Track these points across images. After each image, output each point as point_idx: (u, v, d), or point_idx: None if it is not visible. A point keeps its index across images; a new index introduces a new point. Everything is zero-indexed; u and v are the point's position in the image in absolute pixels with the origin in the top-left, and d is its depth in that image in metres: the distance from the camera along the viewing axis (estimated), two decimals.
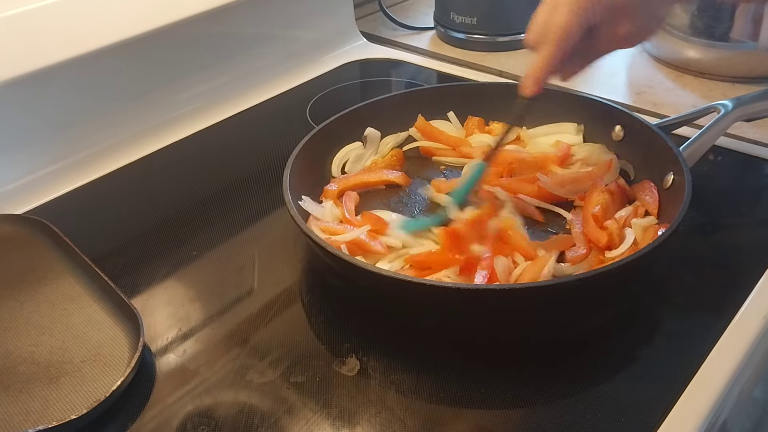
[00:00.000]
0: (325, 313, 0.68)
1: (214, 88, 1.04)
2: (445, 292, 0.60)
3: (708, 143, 0.77)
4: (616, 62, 1.17)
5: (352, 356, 0.62)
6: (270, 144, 0.95)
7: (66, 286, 0.69)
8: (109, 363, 0.61)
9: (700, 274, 0.71)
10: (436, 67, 1.16)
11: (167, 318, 0.68)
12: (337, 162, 0.84)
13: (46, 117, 0.87)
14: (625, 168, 0.82)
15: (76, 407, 0.56)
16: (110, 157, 0.91)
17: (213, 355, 0.63)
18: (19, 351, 0.63)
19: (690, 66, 1.08)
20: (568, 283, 0.61)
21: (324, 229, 0.72)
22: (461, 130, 0.90)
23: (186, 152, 0.95)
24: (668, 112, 0.97)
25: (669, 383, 0.59)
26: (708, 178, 0.82)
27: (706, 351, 0.61)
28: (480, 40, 1.20)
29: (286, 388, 0.59)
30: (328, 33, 1.19)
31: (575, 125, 0.87)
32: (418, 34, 1.28)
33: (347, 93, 1.09)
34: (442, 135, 0.88)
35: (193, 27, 0.97)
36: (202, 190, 0.86)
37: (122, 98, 0.94)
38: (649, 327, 0.66)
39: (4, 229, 0.76)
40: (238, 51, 1.06)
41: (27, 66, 0.81)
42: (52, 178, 0.87)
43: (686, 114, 0.82)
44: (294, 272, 0.73)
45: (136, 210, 0.84)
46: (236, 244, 0.78)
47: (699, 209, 0.77)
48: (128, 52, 0.91)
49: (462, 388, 0.59)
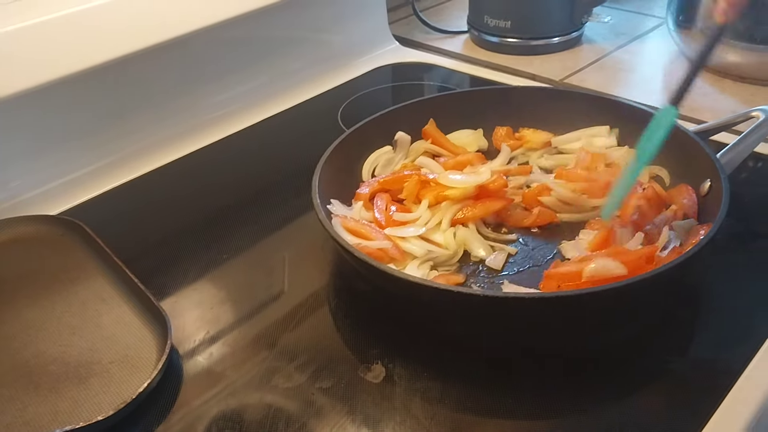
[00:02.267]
0: (351, 317, 0.68)
1: (247, 92, 1.04)
2: (473, 300, 0.59)
3: (747, 150, 0.75)
4: (653, 66, 1.15)
5: (378, 363, 0.61)
6: (301, 148, 0.95)
7: (97, 286, 0.70)
8: (137, 365, 0.61)
9: (736, 284, 0.69)
10: (469, 71, 1.15)
11: (195, 320, 0.68)
12: (367, 167, 0.83)
13: (80, 120, 0.88)
14: (660, 174, 0.80)
15: (104, 408, 0.56)
16: (144, 160, 0.92)
17: (240, 358, 0.63)
18: (50, 351, 0.63)
19: (730, 70, 1.06)
20: (620, 287, 0.59)
21: (350, 228, 0.71)
22: (481, 140, 0.89)
23: (218, 155, 0.95)
24: (706, 117, 0.95)
25: (704, 396, 0.57)
26: (747, 186, 0.80)
27: (740, 367, 0.59)
28: (513, 43, 1.19)
29: (312, 394, 0.59)
30: (361, 37, 1.19)
31: (607, 128, 0.85)
32: (451, 38, 1.28)
33: (379, 97, 1.09)
34: (447, 143, 0.87)
35: (226, 31, 0.98)
36: (233, 193, 0.87)
37: (155, 102, 0.95)
38: (681, 339, 0.64)
39: (39, 229, 0.78)
40: (271, 54, 1.07)
41: (64, 69, 0.82)
42: (85, 180, 0.88)
43: (725, 119, 0.80)
44: (323, 276, 0.73)
45: (168, 212, 0.85)
46: (265, 247, 0.78)
47: (737, 217, 0.75)
48: (161, 56, 0.92)
49: (488, 397, 0.58)
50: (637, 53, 1.20)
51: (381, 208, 0.76)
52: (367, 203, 0.77)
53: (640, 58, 1.18)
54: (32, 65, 0.80)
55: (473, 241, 0.73)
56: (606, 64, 1.15)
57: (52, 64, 0.82)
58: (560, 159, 0.86)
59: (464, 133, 0.89)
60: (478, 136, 0.89)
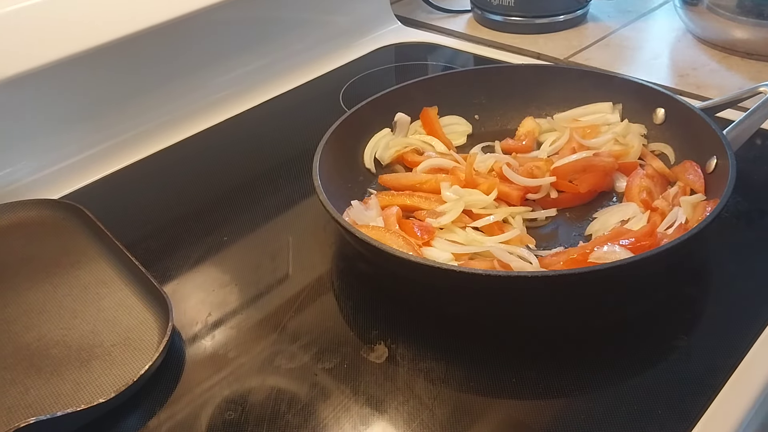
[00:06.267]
0: (354, 298, 0.67)
1: (248, 74, 1.03)
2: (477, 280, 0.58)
3: (754, 126, 0.74)
4: (659, 44, 1.13)
5: (381, 343, 0.61)
6: (303, 130, 0.94)
7: (98, 270, 0.70)
8: (139, 347, 0.61)
9: (744, 262, 0.69)
10: (472, 50, 1.14)
11: (198, 303, 0.68)
12: (368, 153, 0.82)
13: (80, 104, 0.88)
14: (665, 152, 0.79)
15: (105, 391, 0.56)
16: (144, 143, 0.92)
17: (242, 340, 0.63)
18: (52, 334, 0.63)
19: (737, 47, 1.04)
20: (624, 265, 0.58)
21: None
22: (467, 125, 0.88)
23: (219, 138, 0.95)
24: (713, 94, 0.93)
25: (710, 375, 0.56)
26: (754, 163, 0.79)
27: (748, 343, 0.59)
28: (517, 22, 1.18)
29: (314, 374, 0.59)
30: (363, 17, 1.17)
31: (610, 104, 0.84)
32: (454, 17, 1.26)
33: (382, 77, 1.08)
34: (439, 132, 0.85)
35: (227, 12, 0.97)
36: (235, 176, 0.86)
37: (155, 84, 0.94)
38: (689, 316, 0.64)
39: (41, 213, 0.77)
40: (272, 35, 1.05)
41: (61, 52, 0.82)
42: (86, 163, 0.88)
43: (731, 96, 0.79)
44: (325, 258, 0.73)
45: (169, 195, 0.84)
46: (267, 230, 0.78)
47: (743, 195, 0.74)
48: (161, 37, 0.91)
49: (492, 377, 0.58)
50: (642, 31, 1.18)
51: (391, 223, 0.71)
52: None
53: (646, 36, 1.17)
54: (31, 47, 0.80)
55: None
56: (611, 42, 1.14)
57: (51, 46, 0.81)
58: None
59: (453, 119, 0.88)
60: (464, 122, 0.88)
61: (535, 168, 0.76)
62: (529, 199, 0.75)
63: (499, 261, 0.64)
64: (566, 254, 0.66)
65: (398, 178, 0.80)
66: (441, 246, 0.68)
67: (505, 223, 0.72)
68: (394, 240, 0.66)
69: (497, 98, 0.88)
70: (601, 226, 0.71)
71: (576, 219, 0.74)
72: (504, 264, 0.64)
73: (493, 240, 0.68)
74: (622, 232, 0.67)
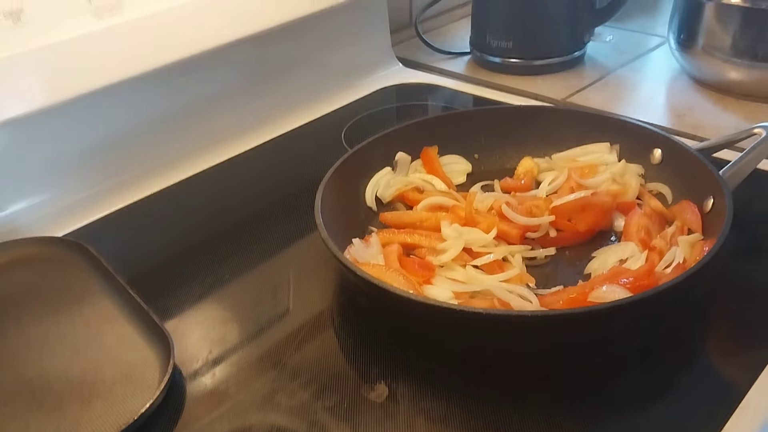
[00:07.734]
0: (354, 335, 0.68)
1: (251, 113, 1.05)
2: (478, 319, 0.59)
3: (750, 166, 0.75)
4: (656, 85, 1.16)
5: (381, 382, 0.61)
6: (305, 168, 0.95)
7: (101, 306, 0.70)
8: (140, 385, 0.61)
9: (741, 300, 0.69)
10: (472, 91, 1.15)
11: (199, 340, 0.68)
12: (369, 191, 0.83)
13: (83, 144, 0.89)
14: (662, 191, 0.80)
15: (106, 429, 0.56)
16: (146, 182, 0.93)
17: (242, 377, 0.63)
18: (53, 369, 0.63)
19: (732, 88, 1.06)
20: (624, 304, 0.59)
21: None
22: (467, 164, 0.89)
23: (221, 177, 0.96)
24: (709, 135, 0.95)
25: (710, 414, 0.57)
26: (749, 202, 0.80)
27: (747, 383, 0.59)
28: (516, 63, 1.20)
29: (314, 412, 0.59)
30: (366, 58, 1.20)
31: (607, 144, 0.85)
32: (454, 59, 1.29)
33: (383, 117, 1.09)
34: (439, 171, 0.85)
35: (230, 52, 0.99)
36: (236, 215, 0.87)
37: (158, 124, 0.95)
38: (687, 354, 0.64)
39: (44, 250, 0.78)
40: (275, 76, 1.07)
41: (64, 94, 0.83)
42: (90, 202, 0.89)
43: (727, 137, 0.80)
44: (326, 295, 0.73)
45: (171, 233, 0.85)
46: (268, 267, 0.78)
47: (740, 234, 0.75)
48: (163, 78, 0.93)
49: (494, 414, 0.58)
50: (639, 72, 1.20)
51: (392, 260, 0.71)
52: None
53: (643, 77, 1.19)
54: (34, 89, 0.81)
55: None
56: (609, 83, 1.16)
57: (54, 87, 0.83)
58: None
59: (453, 158, 0.89)
60: (463, 161, 0.89)
61: (534, 207, 0.77)
62: (528, 238, 0.76)
63: (499, 299, 0.65)
64: (566, 293, 0.66)
65: (399, 216, 0.81)
66: (441, 284, 0.69)
67: (504, 261, 0.73)
68: (395, 278, 0.67)
69: (496, 138, 0.89)
70: (600, 264, 0.72)
71: (575, 258, 0.75)
72: (504, 303, 0.65)
73: (493, 279, 0.69)
74: (621, 271, 0.68)
